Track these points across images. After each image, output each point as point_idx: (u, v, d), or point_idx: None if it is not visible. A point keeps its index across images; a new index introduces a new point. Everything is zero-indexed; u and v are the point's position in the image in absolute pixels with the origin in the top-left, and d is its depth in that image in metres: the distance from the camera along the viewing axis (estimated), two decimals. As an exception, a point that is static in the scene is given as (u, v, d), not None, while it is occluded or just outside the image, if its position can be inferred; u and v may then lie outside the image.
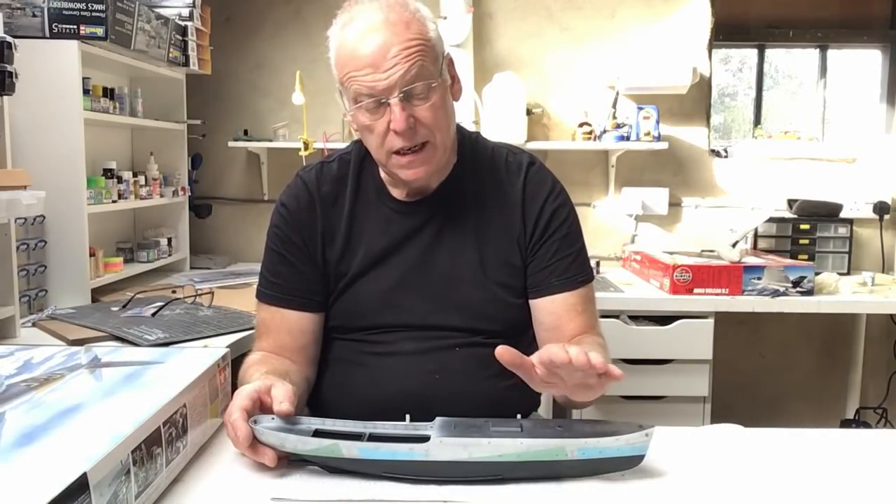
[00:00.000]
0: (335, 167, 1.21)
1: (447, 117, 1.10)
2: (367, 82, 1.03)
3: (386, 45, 1.02)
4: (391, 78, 1.02)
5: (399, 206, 1.18)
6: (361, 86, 1.04)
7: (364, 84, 1.04)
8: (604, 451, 0.80)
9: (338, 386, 1.17)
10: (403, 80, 1.03)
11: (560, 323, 1.17)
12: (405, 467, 0.79)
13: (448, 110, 1.11)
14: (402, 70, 1.02)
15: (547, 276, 1.17)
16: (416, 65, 1.03)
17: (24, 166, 1.69)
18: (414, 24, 1.05)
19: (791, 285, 2.28)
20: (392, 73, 1.02)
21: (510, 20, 2.88)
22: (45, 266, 1.91)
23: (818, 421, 2.90)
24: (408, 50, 1.03)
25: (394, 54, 1.02)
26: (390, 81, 1.02)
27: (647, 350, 2.22)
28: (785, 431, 0.98)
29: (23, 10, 1.88)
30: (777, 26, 2.99)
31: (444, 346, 1.14)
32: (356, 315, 1.17)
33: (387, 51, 1.02)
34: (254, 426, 0.80)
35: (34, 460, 0.63)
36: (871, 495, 0.80)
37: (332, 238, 1.17)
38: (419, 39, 1.04)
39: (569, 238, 1.19)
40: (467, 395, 1.10)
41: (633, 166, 2.90)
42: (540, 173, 1.21)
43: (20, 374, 0.87)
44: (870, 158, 2.90)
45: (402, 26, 1.03)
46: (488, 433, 0.80)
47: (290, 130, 2.80)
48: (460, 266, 1.16)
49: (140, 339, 1.57)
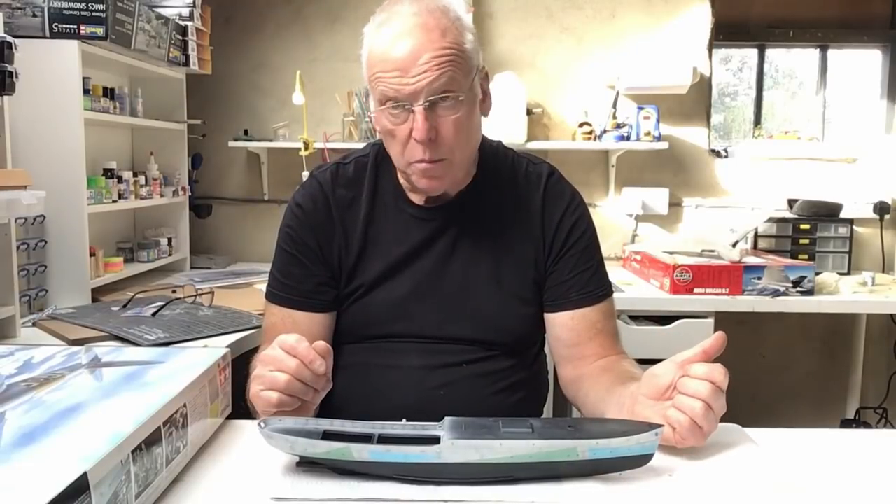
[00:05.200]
0: (351, 169, 1.19)
1: (470, 135, 1.07)
2: (394, 85, 1.00)
3: (418, 51, 0.99)
4: (418, 84, 0.99)
5: (417, 211, 1.15)
6: (388, 88, 1.01)
7: (390, 86, 1.01)
8: (615, 451, 0.79)
9: (344, 394, 1.15)
10: (431, 89, 1.00)
11: (580, 340, 1.14)
12: (416, 469, 0.79)
13: (473, 127, 1.08)
14: (430, 77, 0.99)
15: (566, 291, 1.15)
16: (445, 74, 1.00)
17: (24, 166, 1.69)
18: (451, 33, 1.01)
19: (791, 285, 2.28)
20: (420, 79, 0.99)
21: (510, 20, 2.89)
22: (45, 266, 1.91)
23: (818, 421, 2.90)
24: (440, 58, 0.99)
25: (425, 61, 0.99)
26: (417, 87, 0.99)
27: (648, 350, 2.21)
28: (785, 431, 0.98)
29: (23, 9, 1.88)
30: (777, 26, 2.99)
31: (452, 362, 1.12)
32: (367, 324, 1.15)
33: (418, 56, 0.99)
34: (261, 428, 0.80)
35: (34, 460, 0.63)
36: (871, 495, 0.80)
37: (348, 243, 1.15)
38: (453, 49, 1.01)
39: (588, 251, 1.17)
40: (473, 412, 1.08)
41: (634, 166, 2.90)
42: (559, 185, 1.19)
43: (20, 374, 0.87)
44: (870, 158, 2.91)
45: (437, 33, 1.00)
46: (500, 434, 0.79)
47: (290, 130, 2.80)
48: (476, 276, 1.14)
49: (140, 339, 1.57)
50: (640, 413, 0.90)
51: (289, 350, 0.87)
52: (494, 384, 1.14)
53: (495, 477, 0.79)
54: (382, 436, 0.80)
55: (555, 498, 0.77)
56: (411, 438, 0.80)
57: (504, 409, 1.11)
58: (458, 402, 1.09)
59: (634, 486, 0.80)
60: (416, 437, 0.80)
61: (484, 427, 0.81)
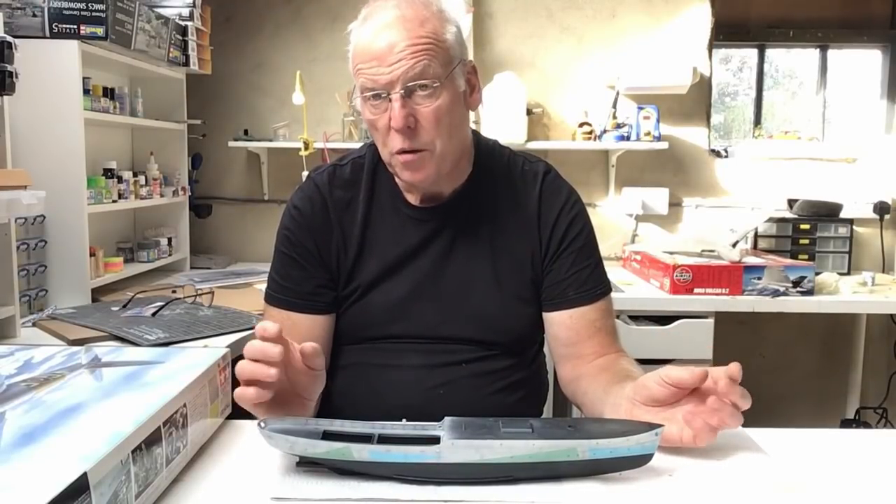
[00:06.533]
0: (348, 171, 1.19)
1: (452, 125, 1.07)
2: (371, 75, 1.02)
3: (395, 41, 1.01)
4: (394, 73, 1.01)
5: (414, 211, 1.15)
6: (367, 79, 1.03)
7: (369, 77, 1.03)
8: (615, 451, 0.79)
9: (343, 394, 1.16)
10: (406, 76, 1.01)
11: (579, 339, 1.14)
12: (416, 469, 0.79)
13: (455, 118, 1.07)
14: (406, 66, 1.01)
15: (564, 290, 1.15)
16: (421, 62, 1.01)
17: (24, 166, 1.69)
18: (430, 23, 1.03)
19: (791, 285, 2.28)
20: (396, 67, 1.01)
21: (510, 20, 2.89)
22: (45, 266, 1.91)
23: (818, 421, 2.90)
24: (415, 46, 1.01)
25: (400, 49, 1.01)
26: (393, 76, 1.01)
27: (648, 350, 2.22)
28: (785, 431, 0.98)
29: (23, 9, 1.88)
30: (777, 26, 2.99)
31: (451, 362, 1.13)
32: (366, 325, 1.15)
33: (395, 45, 1.01)
34: (261, 428, 0.80)
35: (34, 460, 0.63)
36: (871, 495, 0.80)
37: (346, 244, 1.15)
38: (430, 38, 1.02)
39: (585, 249, 1.17)
40: (472, 412, 1.08)
41: (634, 166, 2.90)
42: (556, 183, 1.19)
43: (20, 374, 0.87)
44: (870, 158, 2.91)
45: (416, 23, 1.02)
46: (500, 434, 0.79)
47: (290, 130, 2.80)
48: (474, 276, 1.14)
49: (140, 339, 1.57)
50: (636, 416, 0.90)
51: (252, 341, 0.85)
52: (494, 383, 1.14)
53: (495, 477, 0.79)
54: (382, 436, 0.80)
55: (555, 498, 0.77)
56: (411, 438, 0.80)
57: (504, 408, 1.11)
58: (458, 401, 1.09)
59: (634, 486, 0.80)
60: (415, 437, 0.80)
61: (484, 427, 0.81)
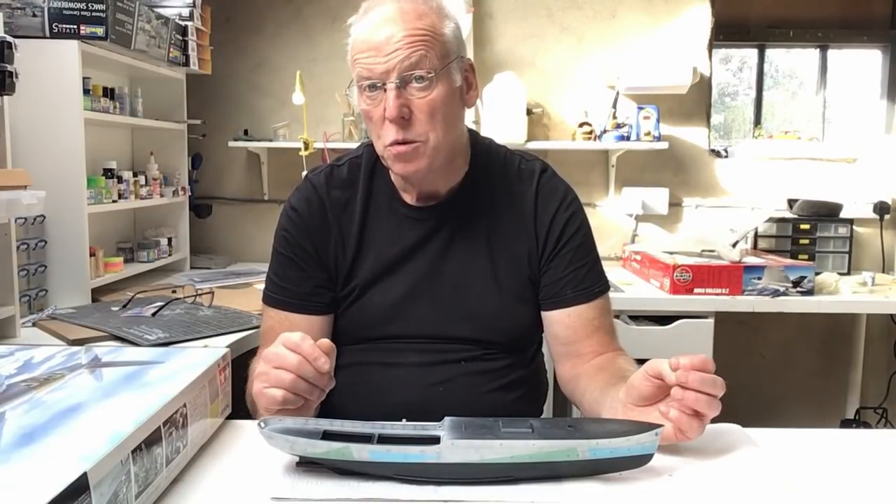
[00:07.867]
0: (345, 171, 1.19)
1: (446, 118, 1.07)
2: (368, 65, 1.03)
3: (393, 32, 1.02)
4: (390, 62, 1.02)
5: (410, 211, 1.16)
6: (363, 68, 1.04)
7: (365, 66, 1.03)
8: (615, 451, 0.79)
9: (343, 394, 1.15)
10: (402, 66, 1.02)
11: (577, 338, 1.14)
12: (416, 469, 0.79)
13: (450, 113, 1.08)
14: (401, 56, 1.01)
15: (562, 288, 1.15)
16: (417, 52, 1.02)
17: (24, 166, 1.69)
18: (427, 17, 1.04)
19: (791, 285, 2.28)
20: (391, 57, 1.01)
21: (510, 20, 2.89)
22: (45, 266, 1.91)
23: (818, 421, 2.90)
24: (412, 37, 1.02)
25: (397, 40, 1.01)
26: (388, 66, 1.02)
27: (648, 350, 2.19)
28: (785, 431, 0.98)
29: (23, 9, 1.88)
30: (777, 26, 2.99)
31: (450, 360, 1.13)
32: (364, 325, 1.15)
33: (392, 37, 1.02)
34: (261, 428, 0.80)
35: (34, 460, 0.63)
36: (871, 495, 0.80)
37: (344, 245, 1.15)
38: (427, 31, 1.03)
39: (583, 248, 1.17)
40: (472, 408, 1.08)
41: (634, 166, 2.90)
42: (552, 181, 1.19)
43: (20, 374, 0.87)
44: (870, 158, 2.91)
45: (413, 15, 1.03)
46: (500, 434, 0.79)
47: (290, 130, 2.80)
48: (471, 275, 1.14)
49: (140, 339, 1.57)
50: (631, 418, 0.90)
51: (292, 347, 0.87)
52: (492, 381, 1.14)
53: (495, 477, 0.79)
54: (382, 436, 0.80)
55: (555, 498, 0.77)
56: (411, 438, 0.80)
57: (503, 406, 1.12)
58: (457, 399, 1.10)
59: (634, 486, 0.80)
60: (415, 437, 0.80)
61: (484, 427, 0.81)
